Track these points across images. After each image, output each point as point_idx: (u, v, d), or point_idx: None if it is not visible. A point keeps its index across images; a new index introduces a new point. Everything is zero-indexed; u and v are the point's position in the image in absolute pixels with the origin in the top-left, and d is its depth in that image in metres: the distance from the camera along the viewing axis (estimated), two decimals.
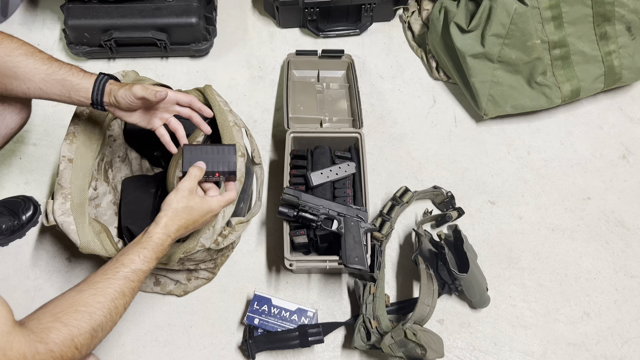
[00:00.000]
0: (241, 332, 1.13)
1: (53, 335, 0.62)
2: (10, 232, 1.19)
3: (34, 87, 0.84)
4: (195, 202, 0.81)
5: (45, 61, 0.83)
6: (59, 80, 0.83)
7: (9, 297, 1.14)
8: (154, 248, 0.76)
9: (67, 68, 0.84)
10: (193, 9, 1.39)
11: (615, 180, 1.34)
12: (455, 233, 1.14)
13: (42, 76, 0.83)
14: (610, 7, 1.28)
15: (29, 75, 0.82)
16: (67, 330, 0.63)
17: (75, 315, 0.65)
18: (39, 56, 0.83)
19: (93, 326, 0.66)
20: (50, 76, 0.83)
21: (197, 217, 0.82)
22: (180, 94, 0.91)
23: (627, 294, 1.19)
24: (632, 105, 1.46)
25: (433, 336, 0.98)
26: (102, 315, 0.67)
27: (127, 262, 0.73)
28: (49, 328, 0.62)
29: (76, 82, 0.84)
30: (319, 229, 1.07)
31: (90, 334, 0.65)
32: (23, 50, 0.82)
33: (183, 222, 0.80)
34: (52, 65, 0.83)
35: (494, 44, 1.27)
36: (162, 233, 0.77)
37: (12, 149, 1.35)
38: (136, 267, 0.73)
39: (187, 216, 0.80)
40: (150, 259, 0.75)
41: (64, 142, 0.99)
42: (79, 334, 0.64)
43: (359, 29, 1.54)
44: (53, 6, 1.57)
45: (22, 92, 0.85)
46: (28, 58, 0.82)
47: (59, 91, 0.85)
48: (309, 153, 1.23)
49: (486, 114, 1.36)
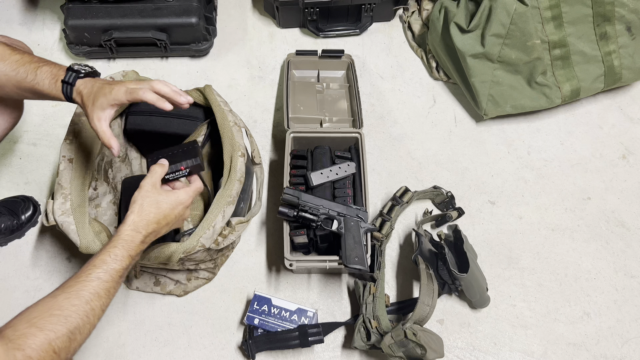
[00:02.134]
0: (241, 332, 1.13)
1: (30, 341, 0.61)
2: (9, 232, 1.19)
3: (12, 91, 0.84)
4: (161, 196, 0.81)
5: (14, 66, 0.82)
6: (29, 89, 0.83)
7: (9, 297, 1.15)
8: (124, 246, 0.75)
9: (33, 74, 0.82)
10: (193, 9, 1.39)
11: (615, 180, 1.34)
12: (455, 233, 1.14)
13: (14, 83, 0.83)
14: (610, 7, 1.28)
15: (2, 81, 0.82)
16: (44, 335, 0.62)
17: (50, 319, 0.64)
18: (8, 60, 0.82)
19: (70, 329, 0.65)
20: (20, 84, 0.82)
21: (166, 210, 0.81)
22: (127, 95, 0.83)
23: (627, 294, 1.19)
24: (632, 105, 1.46)
25: (433, 336, 0.98)
26: (79, 317, 0.67)
27: (98, 263, 0.72)
28: (25, 334, 0.62)
29: (46, 92, 0.83)
30: (319, 229, 1.07)
31: (68, 337, 0.65)
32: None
33: (152, 217, 0.79)
34: (19, 71, 0.82)
35: (494, 44, 1.27)
36: (130, 230, 0.77)
37: (12, 149, 1.35)
38: (108, 267, 0.72)
39: (155, 210, 0.79)
40: (122, 257, 0.74)
41: (64, 142, 0.99)
42: (55, 337, 0.63)
43: (359, 29, 1.54)
44: (53, 6, 1.57)
45: (8, 96, 0.86)
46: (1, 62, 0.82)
47: (33, 97, 0.85)
48: (309, 153, 1.23)
49: (486, 114, 1.36)
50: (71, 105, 1.05)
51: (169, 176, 0.87)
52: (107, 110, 0.81)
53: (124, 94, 0.81)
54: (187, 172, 0.88)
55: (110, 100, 0.81)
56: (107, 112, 0.82)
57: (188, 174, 0.89)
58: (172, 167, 0.87)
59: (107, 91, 0.81)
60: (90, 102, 0.82)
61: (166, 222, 0.81)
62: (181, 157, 0.88)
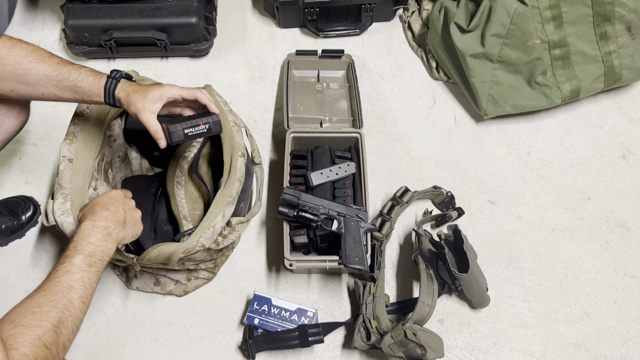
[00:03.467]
0: (241, 332, 1.13)
1: (20, 339, 0.62)
2: (9, 232, 1.19)
3: (49, 92, 0.86)
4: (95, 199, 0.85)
5: (55, 67, 0.84)
6: (70, 87, 0.86)
7: (9, 297, 1.15)
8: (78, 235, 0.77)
9: (76, 73, 0.86)
10: (193, 9, 1.39)
11: (615, 180, 1.34)
12: (455, 233, 1.14)
13: (54, 82, 0.85)
14: (610, 7, 1.28)
15: (41, 82, 0.84)
16: (31, 332, 0.63)
17: (32, 316, 0.65)
18: (48, 62, 0.84)
19: (53, 323, 0.66)
20: (61, 82, 0.85)
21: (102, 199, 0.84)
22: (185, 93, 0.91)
23: (627, 294, 1.19)
24: (632, 105, 1.46)
25: (433, 336, 0.98)
26: (59, 311, 0.67)
27: (62, 259, 0.74)
28: (13, 334, 0.62)
29: (87, 89, 0.86)
30: (319, 229, 1.07)
31: (54, 331, 0.66)
32: (33, 57, 0.83)
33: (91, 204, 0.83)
34: (62, 71, 0.85)
35: (494, 44, 1.27)
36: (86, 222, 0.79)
37: (12, 149, 1.35)
38: (72, 260, 0.74)
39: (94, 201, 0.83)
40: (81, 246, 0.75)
41: (64, 142, 0.99)
42: (43, 333, 0.64)
43: (359, 29, 1.54)
44: (53, 6, 1.57)
45: (38, 97, 0.87)
46: (38, 65, 0.83)
47: (72, 96, 0.87)
48: (309, 153, 1.23)
49: (486, 114, 1.36)
50: (71, 105, 1.05)
51: (189, 131, 0.87)
52: (157, 103, 0.87)
53: (178, 90, 0.89)
54: (206, 128, 0.89)
55: (162, 93, 0.87)
56: (157, 105, 0.87)
57: (207, 130, 0.89)
58: (191, 122, 0.88)
59: (158, 87, 0.88)
60: (141, 97, 0.86)
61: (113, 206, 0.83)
62: (199, 117, 0.91)
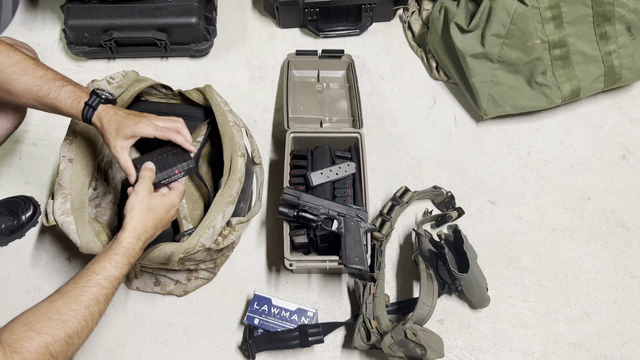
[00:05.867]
0: (241, 332, 1.13)
1: (27, 344, 0.62)
2: (9, 232, 1.19)
3: (29, 103, 0.85)
4: (157, 201, 0.83)
5: (37, 81, 0.82)
6: (49, 105, 0.85)
7: (9, 297, 1.15)
8: (125, 253, 0.77)
9: (56, 92, 0.83)
10: (193, 9, 1.39)
11: (615, 180, 1.34)
12: (455, 233, 1.14)
13: (34, 97, 0.83)
14: (610, 7, 1.28)
15: (21, 93, 0.83)
16: (41, 339, 0.63)
17: (48, 323, 0.65)
18: (32, 75, 0.82)
19: (68, 333, 0.66)
20: (41, 99, 0.83)
21: (162, 214, 0.83)
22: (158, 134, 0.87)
23: (627, 294, 1.19)
24: (632, 105, 1.46)
25: (433, 336, 0.98)
26: (77, 322, 0.67)
27: (99, 269, 0.73)
28: (22, 338, 0.62)
29: (65, 110, 0.85)
30: (319, 229, 1.07)
31: (66, 341, 0.65)
32: (18, 67, 0.82)
33: (150, 222, 0.81)
34: (42, 87, 0.83)
35: (494, 44, 1.27)
36: (131, 237, 0.78)
37: (12, 149, 1.35)
38: (109, 274, 0.74)
39: (153, 215, 0.81)
40: (123, 265, 0.76)
41: (64, 142, 0.99)
42: (53, 341, 0.64)
43: (359, 29, 1.54)
44: (53, 6, 1.57)
45: (19, 104, 0.87)
46: (21, 77, 0.82)
47: (50, 111, 0.87)
48: (309, 153, 1.23)
49: (486, 114, 1.36)
50: None
51: (165, 180, 0.87)
52: (129, 140, 0.85)
53: (153, 130, 0.85)
54: (182, 175, 0.89)
55: (135, 131, 0.84)
56: (129, 142, 0.85)
57: (183, 176, 0.90)
58: (166, 172, 0.87)
59: (132, 123, 0.85)
60: (114, 130, 0.84)
61: (162, 225, 0.84)
62: (173, 160, 0.89)
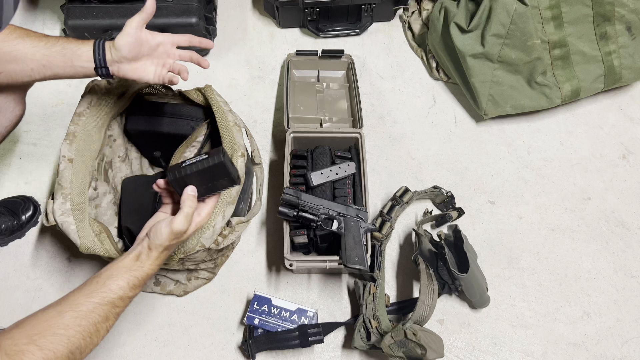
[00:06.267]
0: (241, 332, 1.13)
1: (27, 359, 0.60)
2: (9, 232, 1.19)
3: (37, 65, 0.82)
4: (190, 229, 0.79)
5: (42, 37, 0.83)
6: (59, 51, 0.82)
7: (9, 297, 1.15)
8: (145, 278, 0.75)
9: (64, 39, 0.84)
10: (193, 9, 1.39)
11: (615, 180, 1.34)
12: (455, 233, 1.14)
13: (43, 51, 0.81)
14: (610, 7, 1.28)
15: (29, 55, 0.81)
16: (42, 355, 0.61)
17: (52, 338, 0.63)
18: (34, 35, 0.83)
19: (71, 349, 0.64)
20: (50, 49, 0.82)
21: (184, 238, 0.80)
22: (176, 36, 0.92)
23: (627, 294, 1.19)
24: (632, 105, 1.46)
25: (433, 336, 0.98)
26: (82, 338, 0.66)
27: (115, 288, 0.71)
28: (22, 351, 0.60)
29: (76, 47, 0.83)
30: (319, 229, 1.07)
31: (67, 357, 0.64)
32: (17, 33, 0.82)
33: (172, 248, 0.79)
34: (49, 39, 0.83)
35: (494, 44, 1.27)
36: (156, 265, 0.76)
37: (12, 149, 1.35)
38: (124, 294, 0.72)
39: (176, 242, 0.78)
40: (139, 286, 0.74)
41: (64, 142, 0.99)
42: (54, 357, 0.62)
43: (359, 29, 1.54)
44: (53, 6, 1.57)
45: (27, 74, 0.83)
46: (24, 39, 0.81)
47: (61, 62, 0.83)
48: (309, 153, 1.23)
49: (486, 114, 1.36)
50: (72, 105, 1.05)
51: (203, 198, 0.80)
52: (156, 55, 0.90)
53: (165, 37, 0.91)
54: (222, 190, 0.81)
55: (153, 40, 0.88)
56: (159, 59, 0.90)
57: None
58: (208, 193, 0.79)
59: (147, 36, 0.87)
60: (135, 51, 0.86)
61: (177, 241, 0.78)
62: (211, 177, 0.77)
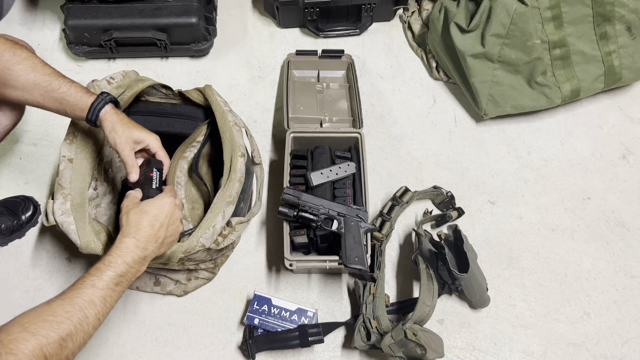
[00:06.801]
0: (241, 332, 1.13)
1: (22, 345, 0.62)
2: (9, 232, 1.19)
3: (33, 98, 0.87)
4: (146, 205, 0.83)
5: (47, 77, 0.86)
6: (56, 98, 0.87)
7: (9, 297, 1.15)
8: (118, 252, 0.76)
9: (67, 87, 0.87)
10: (193, 9, 1.39)
11: (615, 180, 1.34)
12: (455, 233, 1.14)
13: (41, 92, 0.86)
14: (610, 7, 1.28)
15: (27, 88, 0.85)
16: (35, 340, 0.63)
17: (42, 324, 0.65)
18: (40, 72, 0.85)
19: (61, 335, 0.65)
20: (49, 93, 0.86)
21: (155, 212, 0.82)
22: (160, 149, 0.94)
23: (627, 294, 1.19)
24: (632, 105, 1.46)
25: (433, 336, 0.98)
26: (71, 324, 0.67)
27: (93, 271, 0.73)
28: (17, 339, 0.62)
29: (73, 102, 0.87)
30: (319, 229, 1.07)
31: (59, 343, 0.65)
32: (25, 65, 0.85)
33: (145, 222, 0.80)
34: (52, 82, 0.86)
35: (494, 44, 1.27)
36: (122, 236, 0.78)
37: (12, 149, 1.35)
38: (102, 274, 0.73)
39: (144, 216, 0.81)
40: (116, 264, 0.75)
41: (64, 142, 0.99)
42: (47, 343, 0.64)
43: (359, 29, 1.54)
44: (53, 6, 1.57)
45: (21, 101, 0.88)
46: (29, 73, 0.85)
47: (55, 107, 0.88)
48: (309, 153, 1.23)
49: (486, 114, 1.36)
50: None
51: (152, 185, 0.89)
52: (138, 145, 0.91)
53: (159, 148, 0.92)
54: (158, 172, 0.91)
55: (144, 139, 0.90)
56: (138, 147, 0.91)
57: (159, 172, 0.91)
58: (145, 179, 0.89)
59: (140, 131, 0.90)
60: (127, 131, 0.89)
61: (159, 224, 0.82)
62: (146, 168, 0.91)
